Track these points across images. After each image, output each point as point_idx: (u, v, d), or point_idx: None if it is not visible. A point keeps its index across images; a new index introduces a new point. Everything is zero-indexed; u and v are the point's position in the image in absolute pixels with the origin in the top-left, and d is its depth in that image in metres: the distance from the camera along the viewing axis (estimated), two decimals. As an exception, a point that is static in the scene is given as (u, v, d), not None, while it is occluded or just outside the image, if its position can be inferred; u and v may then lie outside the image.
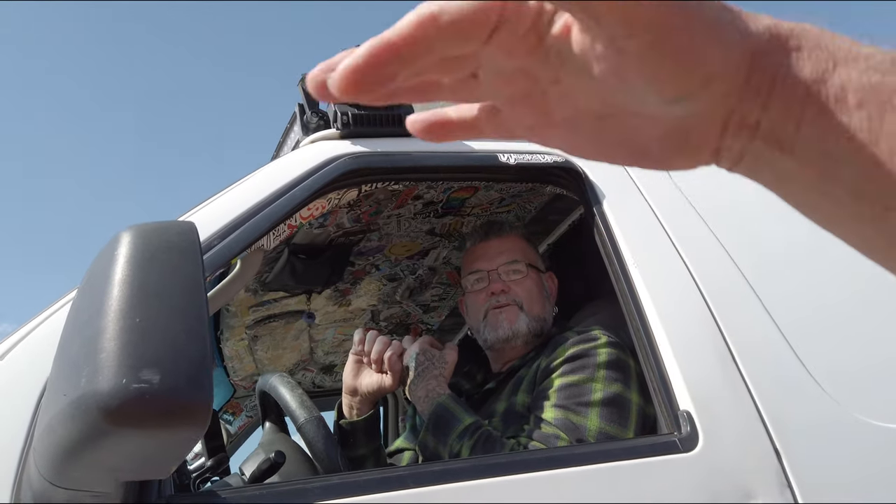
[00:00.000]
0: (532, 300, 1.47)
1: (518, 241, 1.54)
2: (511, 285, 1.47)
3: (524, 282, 1.47)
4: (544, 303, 1.50)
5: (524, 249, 1.53)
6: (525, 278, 1.48)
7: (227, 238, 1.09)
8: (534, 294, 1.48)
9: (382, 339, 1.34)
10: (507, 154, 1.35)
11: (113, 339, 0.65)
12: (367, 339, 1.34)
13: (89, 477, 0.70)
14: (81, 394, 0.63)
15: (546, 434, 1.16)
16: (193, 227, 0.75)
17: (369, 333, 1.35)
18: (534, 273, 1.51)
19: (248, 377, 2.37)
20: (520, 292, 1.46)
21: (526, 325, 1.43)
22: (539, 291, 1.50)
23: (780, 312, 1.22)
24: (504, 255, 1.50)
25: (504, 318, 1.44)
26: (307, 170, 1.23)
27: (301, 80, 1.53)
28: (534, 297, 1.47)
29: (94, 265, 0.75)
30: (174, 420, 0.64)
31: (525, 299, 1.46)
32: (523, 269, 1.48)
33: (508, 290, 1.46)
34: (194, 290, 0.69)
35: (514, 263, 1.48)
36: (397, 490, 0.91)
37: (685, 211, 1.35)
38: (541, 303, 1.48)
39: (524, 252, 1.52)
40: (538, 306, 1.47)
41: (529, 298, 1.46)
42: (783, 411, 1.10)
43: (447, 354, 1.35)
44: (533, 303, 1.46)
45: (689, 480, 1.00)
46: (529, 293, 1.47)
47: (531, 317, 1.44)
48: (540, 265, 1.56)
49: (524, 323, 1.43)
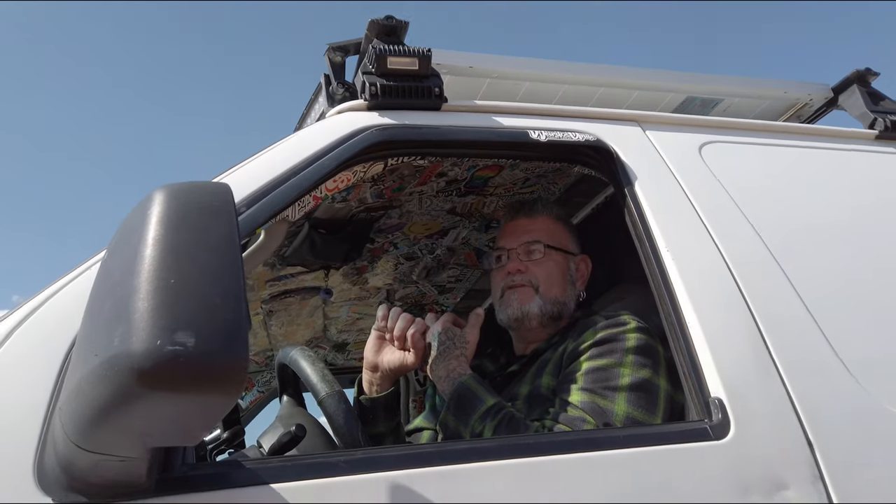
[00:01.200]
0: (550, 282, 1.44)
1: (547, 222, 1.51)
2: (530, 265, 1.44)
3: (544, 263, 1.45)
4: (565, 286, 1.46)
5: (552, 230, 1.50)
6: (546, 259, 1.45)
7: (253, 206, 1.07)
8: (553, 276, 1.45)
9: (406, 316, 1.32)
10: (537, 131, 1.32)
11: (146, 299, 0.63)
12: (391, 316, 1.32)
13: (118, 441, 0.68)
14: (114, 354, 0.61)
15: (572, 417, 1.14)
16: (228, 188, 0.73)
17: (393, 310, 1.33)
18: (558, 255, 1.47)
19: (261, 352, 2.37)
20: (538, 273, 1.44)
21: (539, 307, 1.41)
22: (560, 274, 1.46)
23: (813, 300, 1.19)
24: (527, 234, 1.48)
25: (516, 299, 1.42)
26: (334, 140, 1.20)
27: (327, 49, 1.51)
28: (553, 280, 1.44)
29: (126, 225, 0.73)
30: (208, 384, 0.62)
31: (543, 281, 1.43)
32: (543, 249, 1.45)
33: (526, 270, 1.44)
34: (229, 251, 0.67)
35: (534, 244, 1.46)
36: (424, 467, 0.90)
37: (718, 194, 1.31)
38: (561, 286, 1.45)
39: (551, 233, 1.49)
40: (557, 289, 1.44)
41: (547, 280, 1.43)
42: (816, 401, 1.07)
43: (469, 334, 1.32)
44: (551, 285, 1.44)
45: (719, 469, 0.98)
46: (548, 275, 1.44)
47: (546, 299, 1.42)
48: (571, 247, 1.52)
49: (537, 305, 1.41)
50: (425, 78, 1.33)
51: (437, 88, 1.33)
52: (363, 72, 1.33)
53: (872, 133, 1.64)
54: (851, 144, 1.60)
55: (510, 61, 1.59)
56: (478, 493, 0.90)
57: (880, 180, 1.54)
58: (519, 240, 1.47)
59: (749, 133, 1.52)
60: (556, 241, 1.49)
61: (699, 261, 1.19)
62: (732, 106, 1.79)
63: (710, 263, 1.19)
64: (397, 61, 1.32)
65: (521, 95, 1.63)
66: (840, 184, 1.48)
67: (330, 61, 1.48)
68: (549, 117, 1.38)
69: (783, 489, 0.97)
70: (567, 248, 1.51)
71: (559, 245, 1.48)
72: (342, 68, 1.49)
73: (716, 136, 1.46)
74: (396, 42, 1.36)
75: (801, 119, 1.87)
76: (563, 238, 1.51)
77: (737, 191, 1.33)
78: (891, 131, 1.64)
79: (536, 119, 1.36)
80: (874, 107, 1.71)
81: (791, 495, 0.97)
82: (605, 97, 1.67)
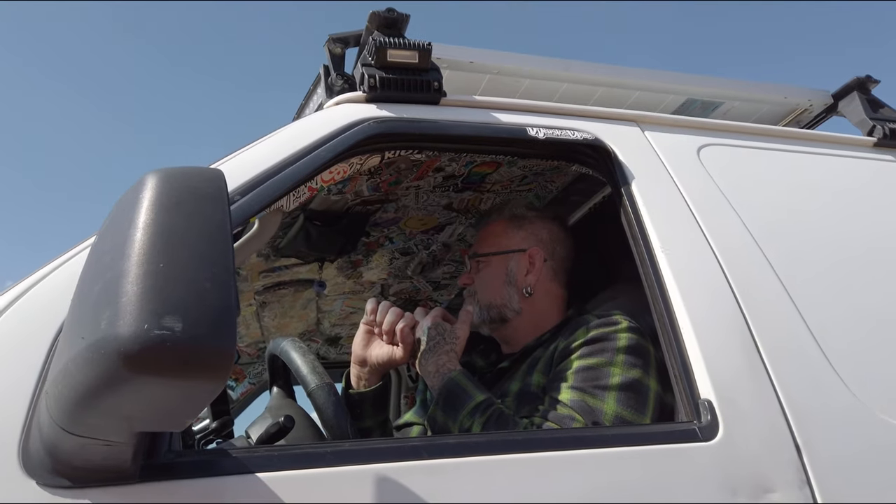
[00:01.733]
0: (484, 289, 1.48)
1: (495, 227, 1.56)
2: (474, 276, 1.51)
3: (481, 272, 1.51)
4: (501, 288, 1.47)
5: (496, 234, 1.54)
6: (484, 268, 1.51)
7: (247, 195, 1.07)
8: (486, 283, 1.49)
9: (395, 310, 1.31)
10: (535, 128, 1.31)
11: (135, 282, 0.62)
12: (380, 310, 1.31)
13: (104, 425, 0.68)
14: (101, 337, 0.61)
15: (561, 415, 1.14)
16: (221, 175, 0.72)
17: (382, 304, 1.33)
18: (495, 259, 1.49)
19: (253, 344, 2.36)
20: (477, 283, 1.50)
21: (478, 316, 1.46)
22: (496, 278, 1.48)
23: (806, 305, 1.19)
24: (475, 246, 1.56)
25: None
26: (332, 131, 1.19)
27: (327, 40, 1.50)
28: (486, 287, 1.48)
29: (117, 208, 0.72)
30: (195, 370, 0.61)
31: (479, 290, 1.49)
32: (479, 260, 1.51)
33: (471, 282, 1.51)
34: (221, 238, 0.67)
35: (475, 256, 1.53)
36: (411, 461, 0.89)
37: (715, 197, 1.31)
38: (495, 289, 1.47)
39: (493, 238, 1.53)
40: (490, 293, 1.47)
41: (482, 288, 1.49)
42: (805, 405, 1.07)
43: (459, 329, 1.32)
44: (485, 292, 1.48)
45: (706, 470, 0.98)
46: (482, 283, 1.49)
47: (482, 307, 1.47)
48: (518, 245, 1.51)
49: (477, 315, 1.45)
50: (425, 72, 1.33)
51: (437, 83, 1.32)
52: (362, 63, 1.32)
53: (871, 140, 1.64)
54: (849, 151, 1.60)
55: (511, 58, 1.59)
56: (465, 487, 0.89)
57: (878, 187, 1.55)
58: (469, 252, 1.56)
59: (748, 137, 1.51)
60: (491, 246, 1.52)
61: (693, 263, 1.19)
62: (733, 109, 1.79)
63: (705, 266, 1.19)
64: (397, 54, 1.32)
65: (521, 92, 1.62)
66: (837, 190, 1.48)
67: (329, 52, 1.48)
68: (548, 115, 1.37)
69: (770, 492, 0.97)
70: (506, 249, 1.50)
71: (494, 249, 1.51)
72: (342, 60, 1.48)
73: (714, 138, 1.46)
74: (397, 35, 1.35)
75: (800, 124, 1.87)
76: (506, 239, 1.52)
77: (734, 194, 1.33)
78: (889, 139, 1.64)
79: (535, 116, 1.36)
80: (873, 114, 1.71)
81: (778, 498, 0.97)
82: (605, 97, 1.66)
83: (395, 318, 1.30)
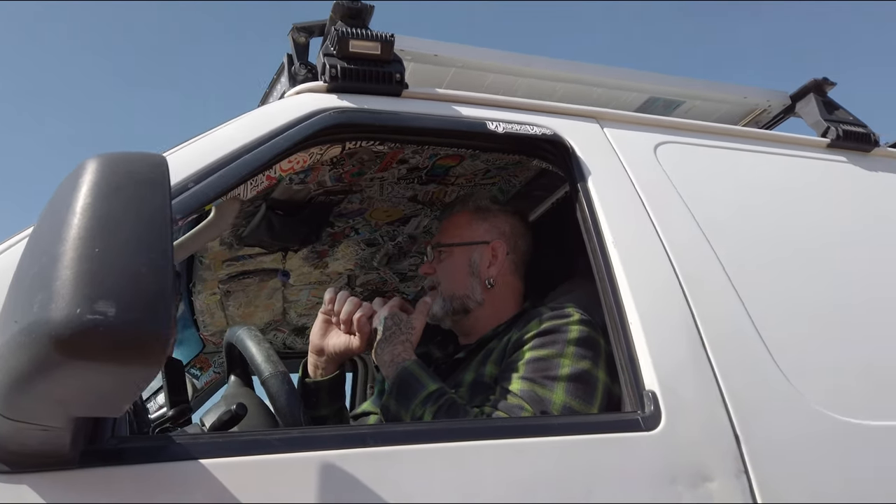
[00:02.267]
0: (447, 280, 1.49)
1: (458, 218, 1.56)
2: (436, 266, 1.51)
3: (444, 262, 1.51)
4: (465, 279, 1.48)
5: (459, 226, 1.54)
6: (447, 258, 1.51)
7: (202, 182, 1.06)
8: (449, 273, 1.49)
9: (353, 299, 1.32)
10: (495, 122, 1.33)
11: (69, 266, 0.62)
12: (338, 299, 1.33)
13: (39, 409, 0.68)
14: (32, 321, 0.61)
15: (511, 404, 1.16)
16: (163, 160, 0.72)
17: (340, 293, 1.34)
18: (458, 250, 1.50)
19: (217, 333, 2.35)
20: (439, 273, 1.50)
21: (440, 306, 1.46)
22: (459, 269, 1.49)
23: (753, 301, 1.22)
24: (438, 236, 1.56)
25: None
26: (290, 120, 1.19)
27: (291, 29, 1.49)
28: (449, 277, 1.49)
29: (57, 193, 0.72)
30: (128, 355, 0.61)
31: (442, 280, 1.49)
32: (442, 250, 1.52)
33: (433, 272, 1.51)
34: (159, 223, 0.67)
35: (438, 246, 1.53)
36: (357, 448, 0.91)
37: (669, 194, 1.34)
38: (458, 280, 1.48)
39: (456, 229, 1.54)
40: (455, 284, 1.48)
41: (445, 279, 1.49)
42: (746, 398, 1.11)
43: (415, 320, 1.34)
44: (449, 282, 1.48)
45: (647, 459, 1.01)
46: (445, 273, 1.50)
47: (445, 297, 1.47)
48: (481, 237, 1.52)
49: (438, 305, 1.46)
50: (387, 63, 1.33)
51: (399, 74, 1.33)
52: (324, 53, 1.32)
53: (825, 141, 1.69)
54: (804, 151, 1.64)
55: (475, 52, 1.60)
56: (410, 474, 0.91)
57: (830, 188, 1.59)
58: (430, 243, 1.55)
59: (705, 135, 1.54)
60: (455, 237, 1.52)
61: (644, 258, 1.22)
62: (694, 108, 1.83)
63: (655, 261, 1.22)
64: (359, 45, 1.32)
65: (486, 86, 1.63)
66: (789, 189, 1.52)
67: (294, 41, 1.47)
68: (510, 109, 1.39)
69: (708, 481, 1.00)
70: (469, 240, 1.52)
71: (457, 240, 1.52)
72: (306, 49, 1.48)
73: (672, 136, 1.49)
74: (360, 25, 1.36)
75: (759, 125, 1.91)
76: (469, 231, 1.53)
77: (687, 191, 1.36)
78: (843, 140, 1.68)
79: (496, 111, 1.37)
80: (828, 116, 1.76)
81: (715, 487, 1.00)
82: (568, 93, 1.68)
83: (352, 307, 1.32)
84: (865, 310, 1.33)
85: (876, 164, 1.68)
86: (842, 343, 1.26)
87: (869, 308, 1.34)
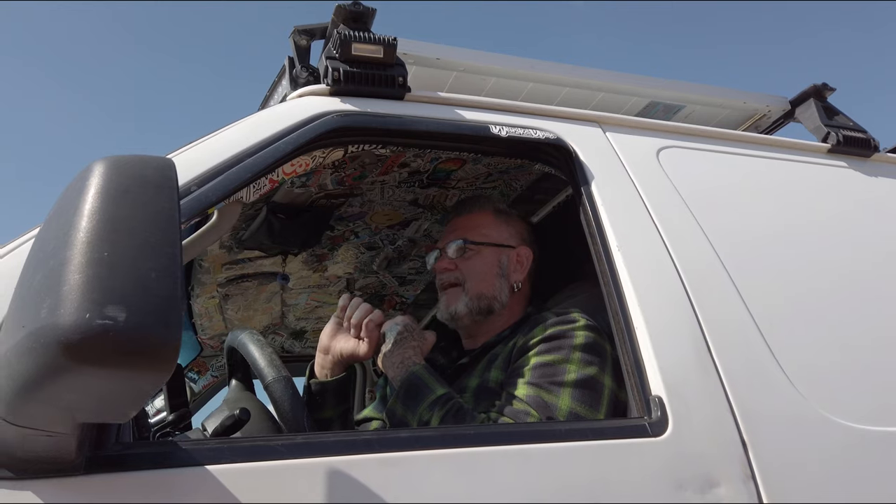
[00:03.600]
0: (476, 279, 1.44)
1: (479, 217, 1.52)
2: (458, 263, 1.46)
3: (470, 260, 1.46)
4: (494, 280, 1.46)
5: (484, 226, 1.51)
6: (474, 256, 1.46)
7: (205, 185, 1.05)
8: (478, 272, 1.45)
9: (365, 306, 1.33)
10: (498, 126, 1.32)
11: (78, 271, 0.61)
12: (351, 304, 1.34)
13: (45, 415, 0.67)
14: (41, 326, 0.60)
15: (517, 410, 1.15)
16: (171, 164, 0.72)
17: (354, 300, 1.35)
18: (486, 250, 1.47)
19: (216, 336, 2.33)
20: (464, 270, 1.45)
21: (465, 305, 1.43)
22: (489, 269, 1.46)
23: (757, 306, 1.22)
24: (457, 232, 1.50)
25: (445, 300, 1.46)
26: (293, 124, 1.19)
27: (292, 32, 1.49)
28: (478, 276, 1.45)
29: (64, 195, 0.71)
30: (138, 360, 0.61)
31: (469, 278, 1.44)
32: (469, 246, 1.46)
33: (454, 268, 1.46)
34: (168, 228, 0.66)
35: (461, 241, 1.47)
36: (364, 454, 0.90)
37: (672, 198, 1.34)
38: (489, 281, 1.45)
39: (483, 229, 1.50)
40: (484, 284, 1.44)
41: (474, 277, 1.44)
42: (752, 403, 1.10)
43: (427, 334, 1.37)
44: (477, 281, 1.44)
45: (654, 465, 1.00)
46: (473, 271, 1.45)
47: (472, 296, 1.43)
48: (506, 240, 1.51)
49: (463, 303, 1.43)
50: (389, 66, 1.33)
51: (401, 78, 1.32)
52: (327, 56, 1.32)
53: (825, 146, 1.69)
54: (804, 157, 1.65)
55: (478, 55, 1.60)
56: (417, 480, 0.90)
57: (830, 193, 1.59)
58: (447, 239, 1.50)
59: (706, 140, 1.55)
60: (485, 237, 1.49)
61: (649, 262, 1.21)
62: (694, 113, 1.83)
63: (660, 265, 1.22)
64: (362, 48, 1.31)
65: (487, 90, 1.63)
66: (791, 194, 1.52)
67: (295, 44, 1.47)
68: (512, 113, 1.38)
69: (715, 486, 1.00)
70: (498, 242, 1.50)
71: (487, 240, 1.49)
72: (307, 52, 1.48)
73: (674, 141, 1.49)
74: (363, 29, 1.35)
75: (759, 129, 1.92)
76: (497, 232, 1.51)
77: (690, 196, 1.36)
78: (843, 145, 1.69)
79: (499, 114, 1.37)
80: (828, 121, 1.76)
81: (723, 493, 1.00)
82: (569, 97, 1.68)
83: (364, 313, 1.32)
84: (869, 314, 1.33)
85: (876, 170, 1.69)
86: (847, 348, 1.26)
87: (872, 312, 1.34)
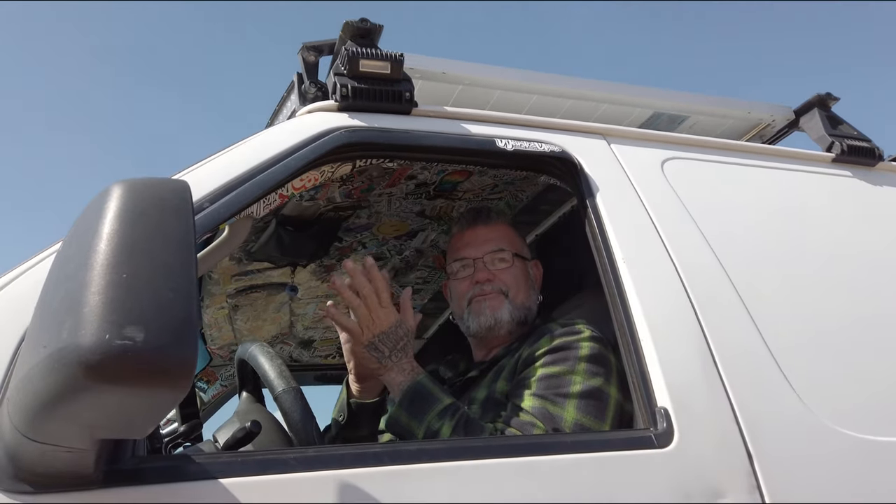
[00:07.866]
0: (517, 288, 1.47)
1: (505, 229, 1.55)
2: (497, 273, 1.47)
3: (510, 270, 1.48)
4: (529, 291, 1.51)
5: (511, 238, 1.54)
6: (511, 267, 1.49)
7: (217, 202, 1.08)
8: (519, 282, 1.48)
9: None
10: (504, 140, 1.34)
11: (98, 293, 0.63)
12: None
13: (64, 432, 0.69)
14: (62, 346, 0.62)
15: (523, 422, 1.16)
16: (187, 186, 0.74)
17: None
18: (519, 262, 1.51)
19: (225, 346, 2.36)
20: (506, 280, 1.47)
21: (509, 313, 1.44)
22: (525, 280, 1.50)
23: (762, 317, 1.23)
24: (491, 242, 1.50)
25: (487, 306, 1.45)
26: (302, 140, 1.21)
27: (301, 48, 1.51)
28: (519, 286, 1.48)
29: (82, 218, 0.73)
30: (156, 379, 0.62)
31: (511, 287, 1.47)
32: (509, 257, 1.49)
33: (494, 278, 1.47)
34: (184, 249, 0.68)
35: (500, 252, 1.49)
36: (374, 467, 0.91)
37: (677, 209, 1.35)
38: (526, 291, 1.49)
39: (510, 240, 1.53)
40: (523, 294, 1.48)
41: (515, 287, 1.47)
42: (758, 415, 1.11)
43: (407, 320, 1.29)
44: (518, 291, 1.47)
45: (660, 476, 1.01)
46: (515, 281, 1.48)
47: (515, 305, 1.45)
48: (526, 253, 1.57)
49: (507, 311, 1.44)
50: (397, 82, 1.35)
51: (408, 93, 1.34)
52: (335, 73, 1.34)
53: (829, 156, 1.70)
54: (809, 166, 1.65)
55: (482, 69, 1.62)
56: (426, 493, 0.91)
57: (835, 202, 1.60)
58: (482, 249, 1.49)
59: (711, 151, 1.56)
60: (517, 248, 1.53)
61: (654, 273, 1.23)
62: (698, 123, 1.84)
63: (665, 276, 1.23)
64: (369, 64, 1.34)
65: (492, 103, 1.65)
66: (796, 204, 1.53)
67: (303, 60, 1.49)
68: (517, 126, 1.40)
69: (721, 497, 1.01)
70: (524, 255, 1.55)
71: (520, 251, 1.53)
72: (315, 67, 1.50)
73: (678, 152, 1.50)
74: (370, 45, 1.37)
75: (763, 139, 1.93)
76: (520, 245, 1.56)
77: (695, 207, 1.37)
78: (847, 155, 1.70)
79: (504, 128, 1.39)
80: (833, 130, 1.77)
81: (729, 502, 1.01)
82: (573, 109, 1.70)
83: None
84: (874, 325, 1.34)
85: (880, 179, 1.69)
86: (851, 359, 1.27)
87: (878, 323, 1.35)
